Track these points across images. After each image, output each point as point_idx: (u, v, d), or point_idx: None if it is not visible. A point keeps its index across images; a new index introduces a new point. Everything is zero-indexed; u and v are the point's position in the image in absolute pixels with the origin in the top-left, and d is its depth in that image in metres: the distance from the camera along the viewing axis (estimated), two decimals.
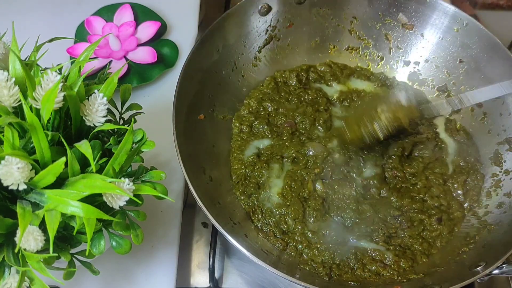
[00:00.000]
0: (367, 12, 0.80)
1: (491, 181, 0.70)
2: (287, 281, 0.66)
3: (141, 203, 0.45)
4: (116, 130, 0.52)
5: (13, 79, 0.42)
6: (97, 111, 0.45)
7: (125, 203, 0.43)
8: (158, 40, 0.83)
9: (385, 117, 0.66)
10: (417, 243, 0.64)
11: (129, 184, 0.42)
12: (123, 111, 0.55)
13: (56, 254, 0.41)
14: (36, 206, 0.41)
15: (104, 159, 0.45)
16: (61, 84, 0.42)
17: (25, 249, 0.39)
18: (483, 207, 0.68)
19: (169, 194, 0.49)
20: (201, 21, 0.91)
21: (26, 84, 0.42)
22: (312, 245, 0.63)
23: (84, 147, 0.42)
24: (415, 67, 0.81)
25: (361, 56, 0.84)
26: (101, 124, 0.46)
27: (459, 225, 0.67)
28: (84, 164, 0.44)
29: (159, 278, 0.63)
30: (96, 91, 0.46)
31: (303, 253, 0.63)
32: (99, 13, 0.84)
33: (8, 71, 0.43)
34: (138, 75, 0.78)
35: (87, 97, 0.46)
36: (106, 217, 0.41)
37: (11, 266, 0.42)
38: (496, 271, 0.55)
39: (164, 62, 0.80)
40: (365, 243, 0.64)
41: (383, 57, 0.83)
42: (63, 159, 0.39)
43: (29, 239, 0.39)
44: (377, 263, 0.62)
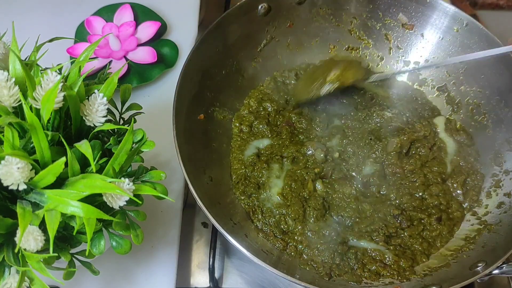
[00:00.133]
0: (367, 12, 0.80)
1: (491, 181, 0.70)
2: (287, 281, 0.66)
3: (141, 203, 0.45)
4: (116, 130, 0.52)
5: (13, 79, 0.42)
6: (97, 111, 0.45)
7: (125, 203, 0.43)
8: (158, 40, 0.83)
9: (333, 73, 0.71)
10: (417, 243, 0.64)
11: (129, 184, 0.42)
12: (123, 111, 0.55)
13: (56, 254, 0.41)
14: (36, 206, 0.41)
15: (104, 159, 0.45)
16: (61, 84, 0.41)
17: (25, 249, 0.39)
18: (483, 207, 0.68)
19: (169, 194, 0.49)
20: (201, 21, 0.91)
21: (26, 84, 0.42)
22: (312, 245, 0.63)
23: (84, 147, 0.42)
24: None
25: (361, 56, 0.84)
26: (101, 124, 0.46)
27: (458, 225, 0.67)
28: (84, 164, 0.44)
29: (159, 278, 0.63)
30: (96, 91, 0.46)
31: (303, 253, 0.63)
32: (99, 13, 0.84)
33: (8, 71, 0.43)
34: (138, 75, 0.78)
35: (87, 97, 0.46)
36: (106, 217, 0.41)
37: (11, 266, 0.42)
38: (496, 271, 0.55)
39: (164, 62, 0.80)
40: (365, 243, 0.64)
41: (383, 57, 0.83)
42: (63, 159, 0.39)
43: (29, 239, 0.39)
44: (377, 263, 0.62)
